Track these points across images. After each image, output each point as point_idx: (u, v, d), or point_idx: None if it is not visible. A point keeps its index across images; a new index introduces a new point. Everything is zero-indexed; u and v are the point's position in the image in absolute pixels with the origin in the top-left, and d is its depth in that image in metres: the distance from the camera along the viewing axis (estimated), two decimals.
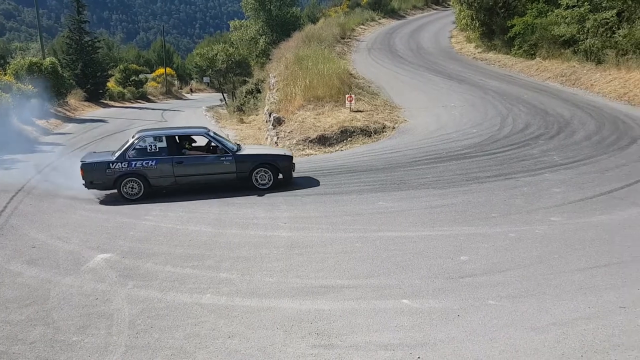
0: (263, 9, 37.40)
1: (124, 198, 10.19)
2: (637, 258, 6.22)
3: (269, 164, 10.62)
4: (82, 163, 10.20)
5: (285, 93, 18.94)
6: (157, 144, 10.35)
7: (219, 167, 10.49)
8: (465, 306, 5.16)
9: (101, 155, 10.79)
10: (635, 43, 18.20)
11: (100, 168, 10.18)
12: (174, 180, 10.40)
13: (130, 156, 10.25)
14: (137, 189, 10.27)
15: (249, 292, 5.70)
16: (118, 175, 10.16)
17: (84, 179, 10.19)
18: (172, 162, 10.31)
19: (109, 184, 10.23)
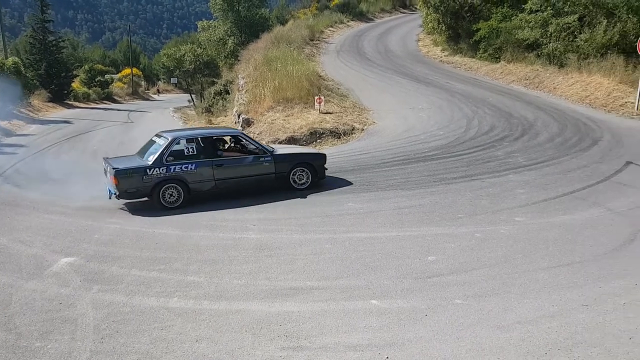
0: (231, 10, 37.12)
1: (163, 207, 9.25)
2: (598, 257, 6.40)
3: (306, 163, 10.39)
4: (116, 170, 9.01)
5: (254, 94, 18.86)
6: (193, 146, 9.68)
7: (258, 169, 10.02)
8: (433, 306, 5.22)
9: (128, 161, 9.76)
10: (596, 47, 18.73)
11: (137, 174, 9.16)
12: (214, 184, 9.68)
13: (168, 160, 9.38)
14: (176, 196, 9.40)
15: (217, 295, 5.65)
16: (157, 182, 9.23)
17: (118, 188, 9.05)
18: (212, 165, 9.65)
19: (146, 192, 9.27)
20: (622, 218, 7.75)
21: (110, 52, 78.63)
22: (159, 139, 9.94)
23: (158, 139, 9.96)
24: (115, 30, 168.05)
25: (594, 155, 11.59)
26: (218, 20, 39.31)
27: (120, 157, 10.39)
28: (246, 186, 10.03)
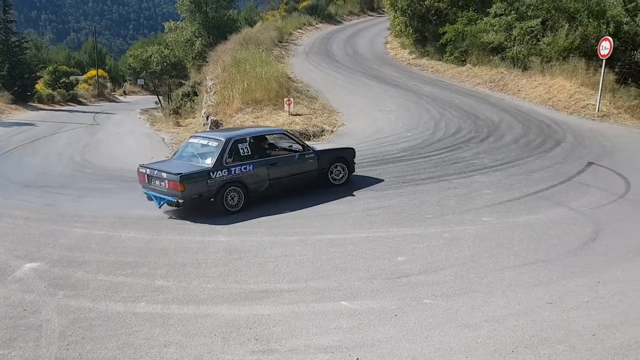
0: (199, 11, 36.77)
1: (226, 211, 8.80)
2: (562, 255, 6.56)
3: (342, 158, 10.35)
4: (180, 175, 8.34)
5: (223, 96, 18.72)
6: (247, 146, 9.25)
7: (304, 166, 9.86)
8: (402, 306, 5.27)
9: (180, 165, 9.03)
10: (558, 51, 19.20)
11: (202, 179, 8.60)
12: (269, 184, 9.37)
13: (228, 162, 8.91)
14: (237, 199, 8.99)
15: (185, 299, 5.58)
16: (220, 185, 8.73)
17: (185, 193, 8.39)
18: (267, 165, 9.32)
19: (210, 196, 8.72)
20: (584, 217, 7.96)
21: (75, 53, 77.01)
22: (209, 140, 9.38)
23: (207, 141, 9.41)
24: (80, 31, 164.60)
25: (557, 156, 11.88)
26: (185, 21, 38.90)
27: (162, 162, 9.67)
28: (295, 185, 9.88)
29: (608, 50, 15.71)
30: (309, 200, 9.43)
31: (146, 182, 9.10)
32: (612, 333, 4.69)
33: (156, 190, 8.88)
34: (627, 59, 18.84)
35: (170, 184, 8.47)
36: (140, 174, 9.16)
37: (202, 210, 9.09)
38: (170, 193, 8.57)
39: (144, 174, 9.06)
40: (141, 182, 9.26)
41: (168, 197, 8.66)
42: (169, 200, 8.70)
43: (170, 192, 8.55)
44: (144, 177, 9.09)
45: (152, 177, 8.89)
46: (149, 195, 9.18)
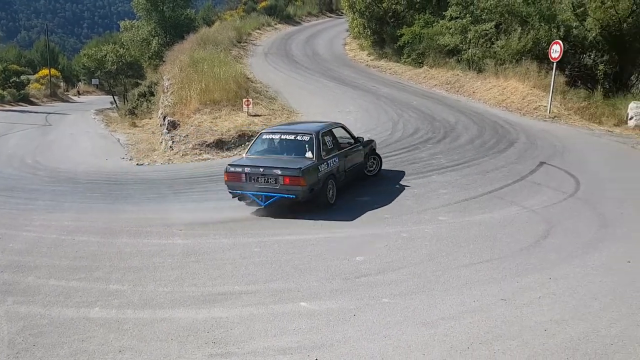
0: (155, 10, 36.13)
1: (328, 204, 8.77)
2: (515, 253, 6.73)
3: (374, 150, 10.84)
4: (301, 169, 8.19)
5: (180, 96, 18.45)
6: (330, 139, 9.29)
7: (359, 157, 10.18)
8: (361, 305, 5.29)
9: (283, 161, 8.72)
10: (511, 53, 19.71)
11: (315, 172, 8.44)
12: (344, 176, 9.41)
13: (323, 155, 8.83)
14: (332, 191, 8.93)
15: (141, 303, 5.46)
16: (325, 178, 8.67)
17: (306, 188, 8.24)
18: (344, 157, 9.45)
19: (318, 190, 8.55)
20: (536, 216, 8.19)
21: (26, 52, 74.34)
22: (295, 135, 9.14)
23: (292, 136, 9.15)
24: (31, 29, 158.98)
25: (511, 156, 12.18)
26: (141, 20, 38.19)
27: (254, 159, 8.98)
28: (355, 176, 10.09)
29: (558, 54, 16.21)
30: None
31: (244, 181, 8.52)
32: (563, 328, 4.83)
33: (262, 188, 8.42)
34: (576, 62, 19.54)
35: (289, 180, 8.23)
36: (235, 173, 8.55)
37: (158, 214, 8.94)
38: (285, 189, 8.30)
39: (240, 174, 8.51)
40: (233, 182, 8.64)
41: (281, 194, 8.36)
42: (281, 197, 8.39)
43: (286, 188, 8.29)
44: (240, 177, 8.52)
45: (255, 175, 8.42)
46: (240, 194, 8.74)
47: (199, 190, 10.66)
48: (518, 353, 4.41)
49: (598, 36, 18.94)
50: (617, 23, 18.72)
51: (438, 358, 4.35)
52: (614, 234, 7.43)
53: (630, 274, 6.09)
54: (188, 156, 15.18)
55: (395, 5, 27.11)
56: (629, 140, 14.18)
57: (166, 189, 11.02)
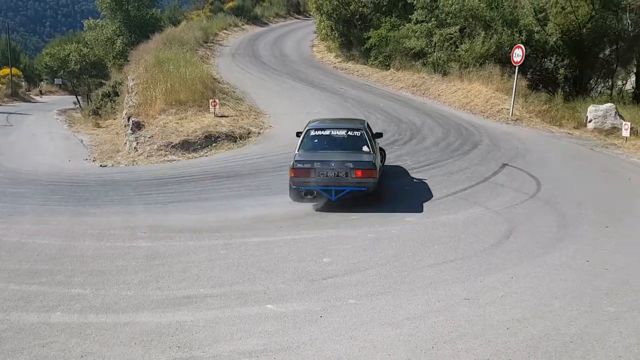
0: (120, 9, 35.49)
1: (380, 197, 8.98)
2: (478, 252, 6.85)
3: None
4: (370, 162, 8.64)
5: (145, 96, 18.16)
6: (371, 134, 9.73)
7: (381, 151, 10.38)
8: (328, 307, 5.30)
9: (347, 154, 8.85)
10: (475, 57, 20.05)
11: (377, 165, 8.86)
12: (382, 171, 9.53)
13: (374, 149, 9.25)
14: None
15: (103, 307, 5.34)
16: (381, 171, 9.12)
17: (376, 178, 8.61)
18: (384, 152, 10.17)
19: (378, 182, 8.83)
20: (499, 216, 8.36)
21: None
22: (346, 130, 9.38)
23: (344, 131, 9.37)
24: None
25: (474, 158, 12.40)
26: (106, 19, 37.46)
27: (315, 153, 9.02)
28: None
29: (520, 58, 16.59)
30: (234, 203, 9.32)
31: (312, 177, 8.57)
32: (525, 326, 4.94)
33: (331, 183, 8.57)
34: (538, 66, 20.02)
35: (361, 173, 8.51)
36: (303, 169, 8.60)
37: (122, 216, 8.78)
38: (357, 182, 8.55)
39: (309, 169, 8.56)
40: (301, 178, 8.65)
41: (351, 187, 8.56)
42: (352, 190, 8.58)
43: (357, 181, 8.55)
44: (309, 172, 8.57)
45: (325, 170, 8.53)
46: (309, 190, 8.73)
47: (164, 192, 10.51)
48: (481, 352, 4.48)
49: (559, 41, 19.46)
50: (576, 28, 19.28)
51: (403, 358, 4.39)
52: (573, 233, 7.65)
53: (589, 272, 6.27)
54: (153, 157, 14.97)
55: (362, 8, 27.27)
56: (588, 143, 14.61)
57: (130, 191, 10.84)
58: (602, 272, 6.27)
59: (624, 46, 20.26)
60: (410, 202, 9.21)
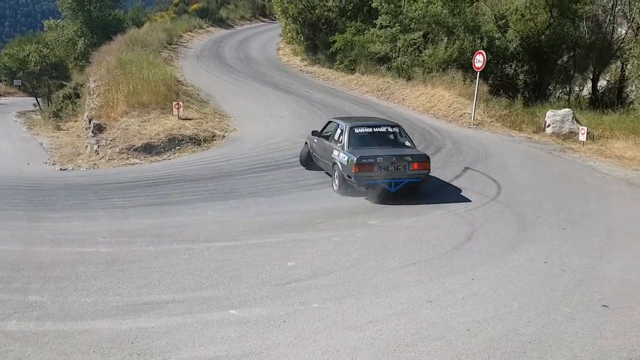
0: (82, 10, 34.73)
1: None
2: (441, 255, 6.95)
3: None
4: (427, 155, 10.05)
5: (107, 98, 17.82)
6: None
7: None
8: (291, 311, 5.29)
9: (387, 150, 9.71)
10: (438, 62, 20.39)
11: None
12: None
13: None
14: None
15: (61, 315, 5.20)
16: None
17: (429, 170, 9.84)
18: None
19: None
20: (461, 219, 8.50)
21: None
22: (386, 127, 10.53)
23: (384, 128, 10.46)
24: None
25: (438, 162, 12.55)
26: (67, 19, 36.64)
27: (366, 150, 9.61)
28: None
29: (482, 63, 16.93)
30: (198, 207, 9.23)
31: (375, 171, 9.28)
32: (485, 328, 5.03)
33: (394, 175, 9.34)
34: (499, 71, 20.48)
35: (418, 165, 9.48)
36: (368, 164, 9.25)
37: (81, 221, 8.59)
38: (414, 174, 9.46)
39: (373, 164, 9.26)
40: (365, 172, 9.27)
41: (409, 179, 9.46)
42: (411, 182, 9.49)
43: (414, 173, 9.46)
44: (372, 167, 9.27)
45: (386, 164, 9.31)
46: (372, 184, 9.36)
47: (125, 196, 10.31)
48: (442, 353, 4.55)
49: (519, 47, 19.95)
50: (536, 35, 19.81)
51: None
52: (532, 236, 7.84)
53: (547, 274, 6.44)
54: (114, 160, 14.69)
55: (327, 12, 27.41)
56: (546, 147, 15.00)
57: (91, 195, 10.59)
58: (559, 274, 6.45)
59: (581, 53, 20.92)
60: (374, 205, 9.27)
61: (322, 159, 10.83)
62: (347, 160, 9.41)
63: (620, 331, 5.08)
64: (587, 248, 7.42)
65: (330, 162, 10.17)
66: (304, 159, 11.88)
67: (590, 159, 13.64)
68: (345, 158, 9.47)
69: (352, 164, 9.23)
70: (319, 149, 11.03)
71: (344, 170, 9.51)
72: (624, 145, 14.25)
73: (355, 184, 9.42)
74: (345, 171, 9.49)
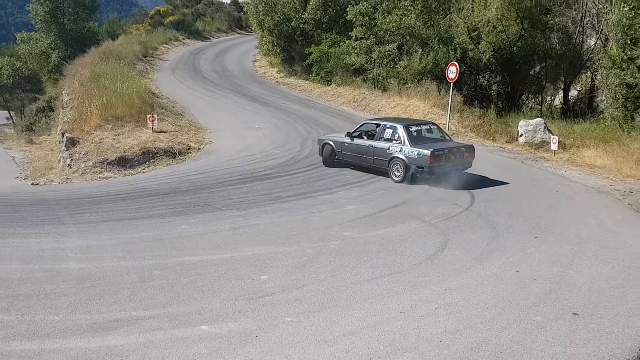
0: (56, 22, 34.36)
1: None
2: (414, 266, 6.98)
3: None
4: (472, 146, 12.14)
5: (81, 112, 17.62)
6: None
7: None
8: (264, 326, 5.25)
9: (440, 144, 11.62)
10: (413, 74, 20.60)
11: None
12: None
13: None
14: None
15: (29, 334, 5.09)
16: None
17: (474, 159, 11.88)
18: None
19: None
20: (435, 229, 8.56)
21: None
22: (427, 126, 12.47)
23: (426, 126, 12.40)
24: None
25: None
26: (41, 32, 36.20)
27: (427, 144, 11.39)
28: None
29: (455, 75, 17.13)
30: (172, 221, 9.13)
31: (443, 161, 11.16)
32: (457, 338, 5.06)
33: (455, 164, 11.43)
34: (473, 82, 20.75)
35: (470, 155, 11.68)
36: (439, 156, 11.05)
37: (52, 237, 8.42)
38: (466, 162, 11.68)
39: (442, 155, 11.11)
40: (437, 163, 11.03)
41: (465, 166, 11.74)
42: (463, 168, 11.70)
43: (466, 161, 11.67)
44: (442, 158, 11.12)
45: (451, 155, 11.31)
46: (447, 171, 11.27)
47: (98, 211, 10.15)
48: None
49: (492, 59, 20.27)
50: (508, 47, 20.14)
51: None
52: (504, 245, 7.92)
53: (519, 283, 6.51)
54: (88, 175, 14.49)
55: (303, 25, 27.55)
56: (519, 156, 15.22)
57: (62, 211, 10.40)
58: (530, 283, 6.52)
59: (552, 64, 21.31)
60: (350, 216, 9.29)
61: (362, 155, 12.24)
62: (418, 154, 11.02)
63: (590, 339, 5.15)
64: (558, 256, 7.52)
65: (383, 158, 11.72)
66: (328, 159, 13.12)
67: (562, 168, 13.86)
68: (416, 152, 11.08)
69: (427, 157, 10.89)
70: (355, 148, 12.37)
71: (414, 162, 11.12)
72: (595, 154, 14.52)
73: (427, 173, 11.15)
74: (416, 163, 11.10)
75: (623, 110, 16.41)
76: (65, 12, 34.69)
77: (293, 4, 27.88)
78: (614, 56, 16.29)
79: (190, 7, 46.65)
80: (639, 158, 13.32)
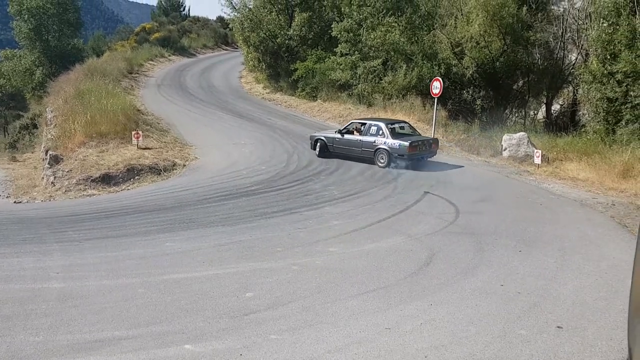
0: (40, 39, 34.34)
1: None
2: (400, 281, 6.97)
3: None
4: (436, 139, 15.75)
5: (64, 129, 17.51)
6: None
7: None
8: (248, 344, 5.20)
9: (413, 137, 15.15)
10: (398, 89, 20.81)
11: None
12: None
13: None
14: None
15: (7, 356, 4.99)
16: None
17: (437, 149, 15.74)
18: None
19: None
20: (420, 244, 8.57)
21: None
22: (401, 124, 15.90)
23: (400, 124, 15.81)
24: None
25: (398, 187, 12.73)
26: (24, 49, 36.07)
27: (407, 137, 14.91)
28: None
29: (439, 90, 17.32)
30: (155, 238, 9.05)
31: (418, 150, 14.59)
32: (442, 353, 5.05)
33: (425, 152, 14.96)
34: (456, 97, 20.99)
35: (435, 145, 15.39)
36: (415, 145, 14.45)
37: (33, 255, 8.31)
38: (431, 151, 15.24)
39: (416, 145, 14.49)
40: (414, 151, 14.41)
41: (431, 154, 15.25)
42: (430, 156, 15.26)
43: (432, 151, 15.24)
44: (415, 148, 14.42)
45: (422, 146, 14.77)
46: (419, 157, 14.81)
47: (81, 229, 10.04)
48: None
49: (475, 73, 20.55)
50: (491, 62, 20.44)
51: None
52: (489, 258, 7.95)
53: (503, 297, 6.52)
54: (71, 192, 14.35)
55: (288, 40, 27.75)
56: (503, 170, 15.36)
57: (45, 229, 10.28)
58: (515, 296, 6.54)
59: (535, 78, 21.64)
60: (335, 232, 9.28)
61: (351, 147, 15.49)
62: (399, 145, 14.32)
63: (573, 352, 5.17)
64: (542, 269, 7.56)
65: (369, 149, 14.97)
66: (321, 151, 16.25)
67: (545, 181, 14.00)
68: (397, 143, 14.40)
69: (406, 147, 14.17)
70: (346, 141, 15.60)
71: (395, 151, 14.40)
72: (577, 167, 14.71)
73: (406, 159, 14.31)
74: (397, 152, 14.36)
75: (604, 123, 16.68)
76: (50, 29, 34.69)
77: (278, 21, 28.10)
78: (594, 70, 16.59)
79: (176, 24, 46.83)
80: (620, 171, 13.51)
